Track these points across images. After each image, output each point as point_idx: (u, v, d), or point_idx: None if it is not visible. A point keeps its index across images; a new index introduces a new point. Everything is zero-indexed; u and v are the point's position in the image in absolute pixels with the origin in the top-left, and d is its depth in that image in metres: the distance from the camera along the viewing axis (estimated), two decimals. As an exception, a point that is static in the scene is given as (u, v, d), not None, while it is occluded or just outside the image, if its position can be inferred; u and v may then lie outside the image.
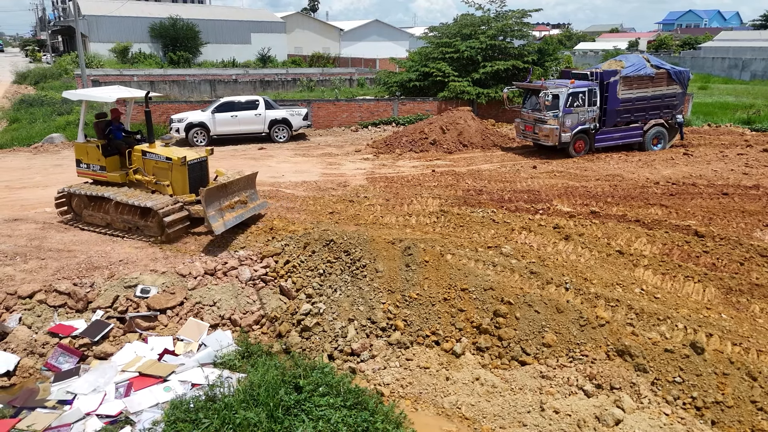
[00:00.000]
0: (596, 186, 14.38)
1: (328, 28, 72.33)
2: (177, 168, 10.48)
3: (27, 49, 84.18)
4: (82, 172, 11.21)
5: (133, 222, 10.48)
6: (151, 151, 10.67)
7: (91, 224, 10.93)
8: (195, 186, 10.65)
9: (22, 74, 43.52)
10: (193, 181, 10.66)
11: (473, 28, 26.22)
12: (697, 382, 6.86)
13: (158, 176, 10.66)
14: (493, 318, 8.03)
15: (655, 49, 69.63)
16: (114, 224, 10.70)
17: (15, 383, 7.35)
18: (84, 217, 11.03)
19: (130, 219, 10.48)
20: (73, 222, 11.08)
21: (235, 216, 10.31)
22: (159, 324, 8.37)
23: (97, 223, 10.88)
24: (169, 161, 10.49)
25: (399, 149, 19.48)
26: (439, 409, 6.92)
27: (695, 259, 9.72)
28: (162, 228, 10.09)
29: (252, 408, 6.04)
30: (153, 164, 10.66)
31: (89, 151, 10.91)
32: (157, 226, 10.21)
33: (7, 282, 8.56)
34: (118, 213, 10.57)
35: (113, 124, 11.12)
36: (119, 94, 11.09)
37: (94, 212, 10.87)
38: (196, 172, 10.75)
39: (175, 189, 10.60)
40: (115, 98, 10.82)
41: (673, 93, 19.17)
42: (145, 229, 10.42)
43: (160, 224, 10.07)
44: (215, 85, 33.57)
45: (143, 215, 10.34)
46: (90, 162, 10.97)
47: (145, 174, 10.70)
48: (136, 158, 10.76)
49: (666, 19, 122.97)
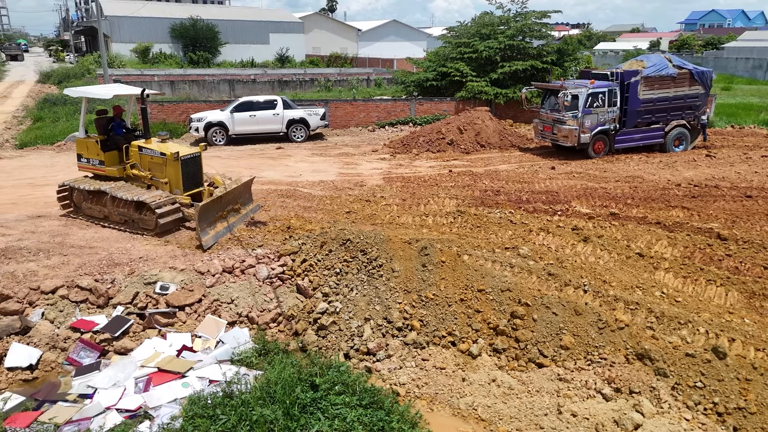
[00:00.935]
0: (616, 187, 14.21)
1: (346, 29, 72.53)
2: (170, 163, 10.67)
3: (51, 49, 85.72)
4: (82, 167, 11.57)
5: (129, 215, 10.71)
6: (147, 147, 10.91)
7: (91, 217, 11.23)
8: (189, 182, 10.91)
9: (46, 74, 44.35)
10: (187, 177, 10.86)
11: (492, 28, 26.08)
12: (718, 387, 6.74)
13: (153, 171, 10.91)
14: (510, 319, 7.98)
15: (677, 49, 68.59)
16: (111, 217, 10.96)
17: (37, 377, 7.48)
18: (83, 210, 11.34)
19: (126, 212, 10.71)
20: (74, 215, 11.45)
21: (226, 226, 10.46)
22: (178, 321, 8.45)
23: (96, 215, 11.17)
24: (163, 156, 10.70)
25: (416, 149, 19.46)
26: (454, 410, 6.89)
27: (718, 263, 9.55)
28: (156, 222, 10.30)
29: (268, 405, 6.08)
30: (149, 159, 10.91)
31: (89, 146, 11.25)
32: (151, 219, 10.41)
33: (30, 277, 8.72)
34: (114, 206, 10.81)
35: (115, 121, 11.41)
36: (116, 91, 11.49)
37: (92, 205, 11.15)
38: (189, 167, 10.92)
39: (170, 183, 10.80)
40: (112, 95, 11.12)
41: (696, 94, 18.87)
42: (139, 222, 10.65)
43: (155, 218, 10.29)
44: (234, 84, 33.86)
45: (138, 209, 10.57)
46: (90, 157, 11.31)
47: (141, 169, 10.99)
48: (133, 153, 11.04)
49: (688, 18, 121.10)
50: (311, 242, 9.77)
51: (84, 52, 67.35)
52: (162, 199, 10.34)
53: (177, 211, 10.55)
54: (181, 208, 10.68)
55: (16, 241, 9.99)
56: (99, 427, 6.28)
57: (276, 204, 12.43)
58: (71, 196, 11.49)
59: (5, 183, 14.85)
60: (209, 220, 10.12)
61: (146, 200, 10.18)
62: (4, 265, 9.05)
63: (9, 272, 8.79)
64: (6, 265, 9.05)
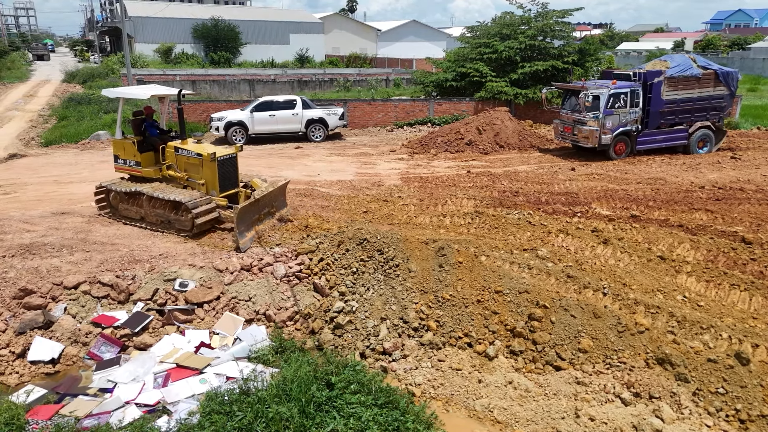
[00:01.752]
0: (637, 189, 14.00)
1: (366, 29, 72.62)
2: (207, 164, 10.64)
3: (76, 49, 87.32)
4: (119, 168, 11.57)
5: (165, 216, 10.73)
6: (183, 147, 10.89)
7: (127, 217, 11.28)
8: (225, 182, 10.84)
9: (71, 73, 45.16)
10: (223, 178, 10.80)
11: (513, 28, 25.89)
12: (741, 393, 6.59)
13: (190, 172, 10.89)
14: (528, 321, 7.90)
15: (702, 49, 67.38)
16: (147, 218, 10.99)
17: (59, 370, 7.62)
18: (120, 211, 11.39)
19: (163, 213, 10.74)
20: (111, 215, 11.49)
21: (261, 228, 10.50)
22: (196, 317, 8.55)
23: (132, 216, 11.21)
24: (199, 157, 10.67)
25: (434, 149, 19.40)
26: (470, 412, 6.85)
27: (742, 267, 9.35)
28: (192, 223, 10.31)
29: (284, 403, 6.11)
30: (185, 160, 10.89)
31: (126, 147, 11.26)
32: (187, 219, 10.43)
33: (53, 273, 8.89)
34: (151, 207, 10.85)
35: (147, 121, 11.44)
36: (153, 91, 11.44)
37: (129, 206, 11.18)
38: (226, 168, 10.87)
39: (207, 184, 10.78)
40: (149, 95, 11.14)
41: (721, 95, 18.50)
42: (176, 222, 10.66)
43: (191, 219, 10.29)
44: (254, 84, 34.13)
45: (174, 209, 10.59)
46: (126, 158, 11.32)
47: (178, 170, 10.98)
48: (169, 154, 11.04)
49: (714, 18, 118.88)
50: (329, 241, 9.81)
51: (108, 52, 68.47)
52: (198, 200, 10.33)
53: (213, 212, 10.53)
54: (218, 209, 10.67)
55: (40, 237, 10.20)
56: (118, 420, 6.37)
57: (294, 203, 12.49)
58: (108, 198, 11.57)
59: (31, 180, 15.18)
60: (247, 222, 10.12)
61: (183, 200, 10.20)
62: (28, 260, 9.25)
63: (33, 267, 8.98)
64: (30, 260, 9.25)
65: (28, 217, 11.46)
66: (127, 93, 11.66)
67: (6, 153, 18.54)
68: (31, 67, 61.28)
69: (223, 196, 10.82)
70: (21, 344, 7.75)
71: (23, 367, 7.53)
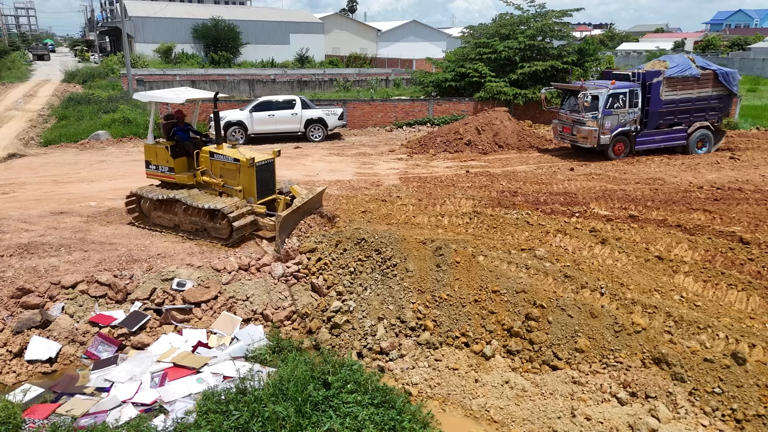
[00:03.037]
0: (636, 189, 14.01)
1: (366, 29, 72.65)
2: (245, 170, 10.23)
3: (76, 49, 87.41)
4: (151, 174, 11.11)
5: (201, 223, 10.33)
6: (219, 153, 10.48)
7: (160, 226, 10.87)
8: (263, 189, 10.47)
9: (71, 73, 45.20)
10: (261, 184, 10.42)
11: (512, 28, 25.91)
12: (737, 393, 6.60)
13: (226, 178, 10.49)
14: (525, 321, 7.91)
15: (702, 49, 67.41)
16: (182, 226, 10.58)
17: (56, 369, 7.63)
18: (152, 219, 10.96)
19: (198, 221, 10.34)
20: (142, 223, 11.06)
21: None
22: (194, 317, 8.55)
23: (165, 224, 10.80)
24: (237, 163, 10.27)
25: (433, 149, 19.41)
26: (467, 411, 6.86)
27: (739, 267, 9.35)
28: (230, 230, 9.96)
29: (281, 402, 6.11)
30: (221, 166, 10.49)
31: (158, 153, 10.81)
32: (225, 227, 10.06)
33: (51, 272, 8.90)
34: (186, 215, 10.45)
35: (177, 125, 11.04)
36: (188, 95, 10.87)
37: (162, 214, 10.75)
38: (264, 174, 10.48)
39: (244, 191, 10.38)
40: (184, 99, 10.56)
41: (720, 95, 18.52)
42: (212, 230, 10.28)
43: (228, 226, 9.94)
44: (254, 84, 34.14)
45: (211, 217, 10.20)
46: (159, 163, 10.85)
47: (213, 176, 10.55)
48: (204, 159, 10.61)
49: (714, 18, 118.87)
50: (327, 241, 9.81)
51: (108, 52, 68.49)
52: (236, 207, 9.91)
53: (251, 220, 10.10)
54: (256, 216, 10.25)
55: (38, 237, 10.22)
56: (115, 420, 6.38)
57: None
58: (139, 205, 11.10)
59: (30, 180, 15.19)
60: (288, 230, 9.91)
61: (221, 208, 9.79)
62: (26, 260, 9.26)
63: (31, 267, 9.00)
64: (28, 260, 9.26)
65: (26, 217, 11.47)
66: (159, 96, 11.08)
67: (5, 153, 18.56)
68: (31, 66, 61.34)
69: (260, 203, 10.44)
70: (18, 343, 7.76)
71: (20, 367, 7.54)
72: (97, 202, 12.78)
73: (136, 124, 22.25)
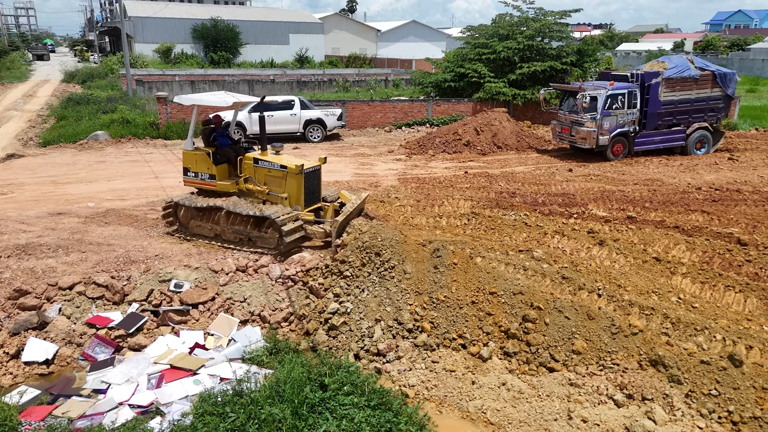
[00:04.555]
0: (634, 190, 14.01)
1: (366, 29, 72.65)
2: (293, 177, 9.82)
3: (76, 49, 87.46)
4: (189, 181, 10.67)
5: (246, 233, 9.81)
6: (264, 159, 10.05)
7: (199, 235, 10.33)
8: (310, 197, 10.11)
9: (71, 73, 45.25)
10: (308, 191, 10.01)
11: (511, 29, 25.92)
12: (734, 395, 6.60)
13: (271, 185, 10.06)
14: (522, 323, 7.91)
15: (702, 50, 67.46)
16: (224, 235, 10.03)
17: (53, 371, 7.62)
18: (191, 228, 10.42)
19: (243, 230, 9.82)
20: (179, 233, 10.57)
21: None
22: (191, 318, 8.55)
23: (206, 234, 10.26)
24: (283, 169, 9.86)
25: (432, 150, 19.41)
26: (463, 413, 6.86)
27: (737, 268, 9.35)
28: (278, 239, 9.52)
29: (277, 404, 6.11)
30: (265, 173, 10.07)
31: (198, 160, 10.38)
32: (273, 236, 9.61)
33: (48, 273, 8.90)
34: (229, 223, 9.92)
35: (217, 131, 10.62)
36: (235, 98, 10.44)
37: (203, 223, 10.22)
38: (311, 181, 10.08)
39: (290, 199, 9.97)
40: (231, 103, 10.18)
41: (719, 96, 18.53)
42: (258, 239, 9.78)
43: (277, 235, 9.52)
44: (253, 85, 34.15)
45: (257, 225, 9.72)
46: (198, 170, 10.43)
47: (257, 183, 10.14)
48: (247, 166, 10.17)
49: (714, 19, 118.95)
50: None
51: (108, 52, 68.48)
52: (286, 215, 9.41)
53: (301, 228, 9.61)
54: (304, 224, 9.74)
55: (36, 238, 10.21)
56: (111, 422, 6.37)
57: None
58: (176, 214, 10.57)
59: (28, 180, 15.19)
60: (341, 236, 9.65)
61: (271, 215, 9.29)
62: (24, 261, 9.25)
63: (28, 268, 8.99)
64: (26, 261, 9.26)
65: (24, 218, 11.47)
66: (203, 100, 10.45)
67: (4, 153, 18.56)
68: (31, 67, 61.39)
69: (308, 211, 10.07)
70: (15, 345, 7.75)
71: (17, 368, 7.53)
72: (96, 203, 12.78)
73: (135, 125, 22.25)
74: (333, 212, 10.50)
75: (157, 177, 15.62)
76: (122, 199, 13.28)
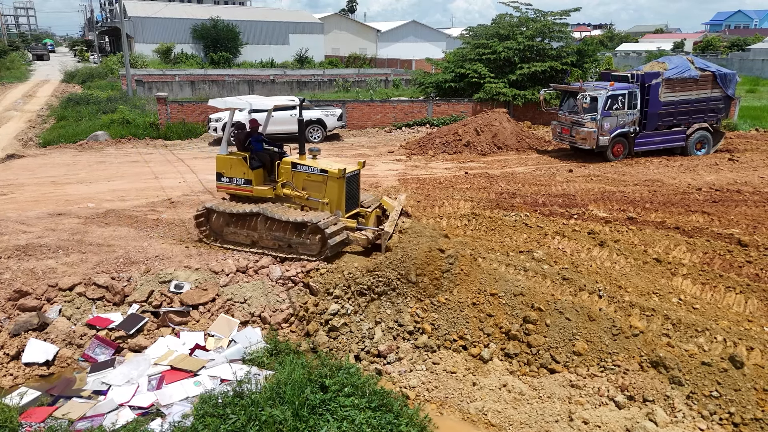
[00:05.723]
0: (634, 191, 14.01)
1: (366, 29, 72.61)
2: (334, 181, 9.55)
3: (75, 49, 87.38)
4: (223, 187, 10.38)
5: (287, 239, 9.54)
6: (303, 164, 9.79)
7: (234, 242, 10.02)
8: (350, 202, 9.86)
9: (70, 73, 45.19)
10: (349, 196, 9.75)
11: (511, 29, 25.91)
12: (735, 397, 6.59)
13: (310, 190, 9.75)
14: (523, 324, 7.90)
15: (702, 50, 67.46)
16: (261, 242, 9.76)
17: (54, 372, 7.62)
18: (225, 236, 10.11)
19: (283, 236, 9.54)
20: (213, 240, 10.24)
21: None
22: (191, 319, 8.55)
23: (242, 241, 9.95)
24: (324, 174, 9.59)
25: (432, 150, 19.40)
26: (464, 415, 6.85)
27: (738, 269, 9.35)
28: (322, 245, 9.28)
29: (278, 405, 6.10)
30: (304, 177, 9.78)
31: (233, 165, 10.09)
32: (315, 242, 9.34)
33: (49, 274, 8.89)
34: (267, 230, 9.65)
35: (253, 135, 10.33)
36: (275, 101, 10.11)
37: (238, 230, 9.92)
38: (351, 185, 9.85)
39: (331, 204, 9.70)
40: (272, 106, 9.97)
41: (719, 96, 18.52)
42: (299, 246, 9.48)
43: (321, 241, 9.26)
44: (253, 85, 34.13)
45: (298, 231, 9.45)
46: (234, 175, 10.14)
47: (295, 188, 9.84)
48: (285, 171, 9.89)
49: (713, 19, 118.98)
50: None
51: (108, 52, 68.42)
52: (330, 220, 9.23)
53: (344, 234, 9.39)
54: (346, 230, 9.53)
55: (36, 239, 10.20)
56: (112, 423, 6.37)
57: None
58: (208, 220, 10.23)
59: (28, 180, 15.18)
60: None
61: (314, 221, 9.05)
62: (24, 261, 9.24)
63: (29, 269, 8.98)
64: (26, 261, 9.25)
65: (24, 218, 11.46)
66: (239, 104, 10.16)
67: (4, 153, 18.54)
68: (31, 67, 61.33)
69: (348, 216, 9.81)
70: (15, 346, 7.75)
71: (18, 369, 7.53)
72: (96, 204, 12.77)
73: (135, 125, 22.24)
74: (375, 218, 10.21)
75: (157, 177, 15.61)
76: (122, 199, 13.27)
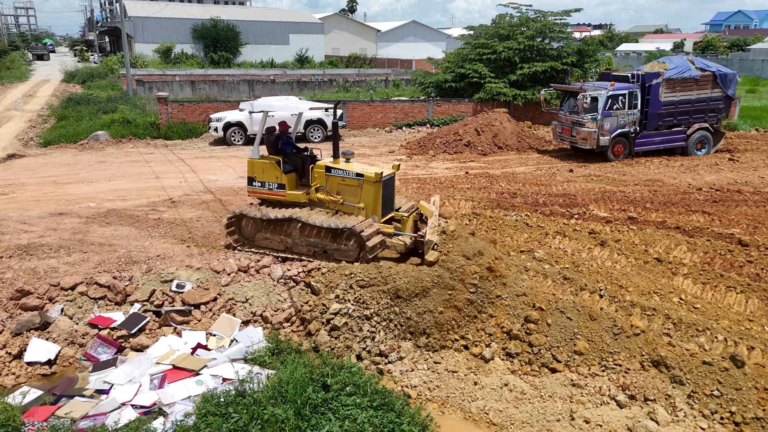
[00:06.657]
0: (635, 191, 14.03)
1: (366, 29, 72.63)
2: (370, 185, 9.33)
3: (76, 49, 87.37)
4: (253, 191, 10.17)
5: (322, 245, 9.37)
6: (338, 167, 9.54)
7: (266, 248, 9.82)
8: (386, 206, 9.65)
9: (71, 73, 45.23)
10: (384, 200, 9.53)
11: (511, 29, 25.93)
12: (736, 396, 6.61)
13: (345, 195, 9.53)
14: (524, 324, 7.91)
15: (702, 50, 67.48)
16: (295, 248, 9.57)
17: (56, 371, 7.63)
18: (257, 241, 9.90)
19: (318, 242, 9.38)
20: (243, 245, 10.02)
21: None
22: (193, 319, 8.55)
23: (275, 246, 9.76)
24: (359, 178, 9.36)
25: (432, 150, 19.42)
26: (466, 414, 6.86)
27: (738, 269, 9.37)
28: (359, 251, 9.11)
29: (280, 405, 6.11)
30: (339, 181, 9.55)
31: (266, 168, 9.85)
32: (352, 248, 9.16)
33: (50, 274, 8.90)
34: (302, 235, 9.47)
35: (283, 138, 10.19)
36: (308, 104, 9.82)
37: (271, 235, 9.72)
38: (387, 189, 9.59)
39: (366, 209, 9.48)
40: (308, 108, 9.44)
41: (719, 96, 18.54)
42: (336, 252, 9.30)
43: (358, 246, 9.10)
44: (253, 85, 34.15)
45: (334, 237, 9.27)
46: (266, 180, 9.90)
47: (330, 192, 9.63)
48: (318, 175, 9.65)
49: (713, 19, 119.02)
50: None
51: (108, 52, 68.43)
52: (369, 226, 9.05)
53: (382, 239, 9.17)
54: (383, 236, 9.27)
55: (37, 238, 10.21)
56: (114, 422, 6.38)
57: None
58: (239, 226, 10.03)
59: (29, 180, 15.19)
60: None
61: (352, 227, 8.90)
62: (25, 261, 9.26)
63: (30, 268, 8.99)
64: (28, 261, 9.26)
65: (25, 218, 11.47)
66: (275, 107, 9.81)
67: (4, 153, 18.55)
68: (31, 66, 61.36)
69: (383, 221, 9.57)
70: (18, 345, 7.75)
71: (20, 369, 7.54)
72: (97, 203, 12.78)
73: (135, 125, 22.26)
74: (412, 223, 10.06)
75: (158, 177, 15.62)
76: (123, 199, 13.28)
